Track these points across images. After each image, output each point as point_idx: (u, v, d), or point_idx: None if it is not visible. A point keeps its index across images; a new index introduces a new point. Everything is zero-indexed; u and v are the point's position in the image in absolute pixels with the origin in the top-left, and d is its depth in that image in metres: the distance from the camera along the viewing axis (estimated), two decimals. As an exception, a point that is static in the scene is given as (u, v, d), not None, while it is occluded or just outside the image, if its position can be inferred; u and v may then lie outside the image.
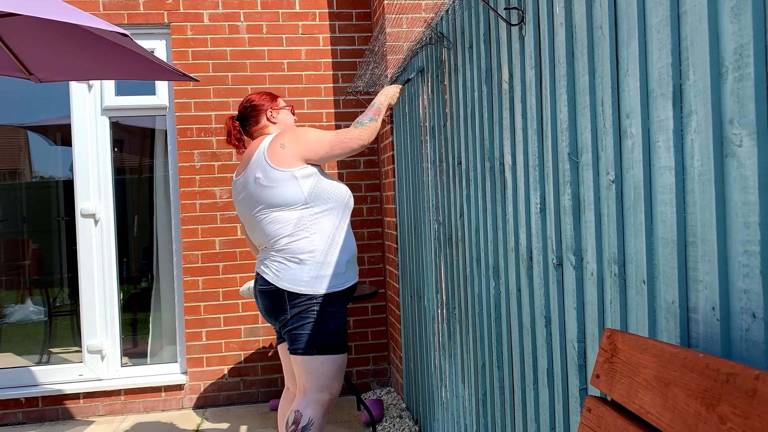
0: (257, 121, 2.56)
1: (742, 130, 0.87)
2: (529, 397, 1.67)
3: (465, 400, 2.31)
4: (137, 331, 4.28)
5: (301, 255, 2.32)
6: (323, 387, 2.32)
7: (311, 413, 2.30)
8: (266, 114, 2.56)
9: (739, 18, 0.87)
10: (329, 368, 2.33)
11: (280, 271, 2.33)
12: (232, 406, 3.92)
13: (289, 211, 2.34)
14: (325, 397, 2.33)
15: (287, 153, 2.34)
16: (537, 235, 1.57)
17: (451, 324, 2.46)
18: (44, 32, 2.67)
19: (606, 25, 1.22)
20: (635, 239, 1.15)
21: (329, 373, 2.33)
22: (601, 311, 1.29)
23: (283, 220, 2.34)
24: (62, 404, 3.81)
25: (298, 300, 2.32)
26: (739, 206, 0.88)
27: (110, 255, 3.91)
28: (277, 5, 3.99)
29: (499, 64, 1.81)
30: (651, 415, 0.90)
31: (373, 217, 4.09)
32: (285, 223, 2.34)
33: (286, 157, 2.34)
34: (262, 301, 2.41)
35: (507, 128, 1.75)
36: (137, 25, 3.89)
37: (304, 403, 2.32)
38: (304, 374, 2.33)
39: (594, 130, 1.29)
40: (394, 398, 3.80)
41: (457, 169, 2.27)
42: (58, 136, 4.49)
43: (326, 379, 2.33)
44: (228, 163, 3.94)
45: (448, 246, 2.46)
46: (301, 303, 2.32)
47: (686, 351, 0.86)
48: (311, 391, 2.32)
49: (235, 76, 3.96)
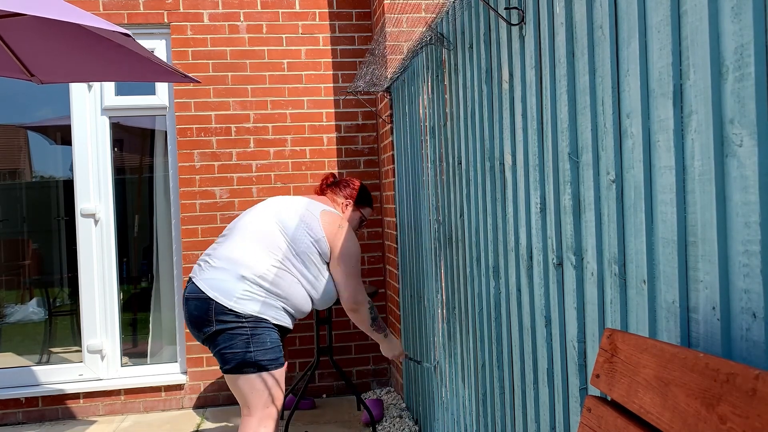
0: (336, 193, 2.72)
1: (742, 129, 0.87)
2: (529, 397, 1.67)
3: (465, 400, 2.31)
4: (137, 331, 4.27)
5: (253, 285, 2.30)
6: (269, 402, 2.27)
7: None
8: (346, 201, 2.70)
9: (739, 18, 0.87)
10: (272, 381, 2.27)
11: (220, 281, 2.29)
12: (232, 406, 3.91)
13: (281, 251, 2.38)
14: (272, 410, 2.29)
15: (336, 234, 2.47)
16: (537, 235, 1.57)
17: (451, 324, 2.46)
18: (46, 34, 2.67)
19: (606, 24, 1.22)
20: (635, 239, 1.15)
21: (273, 387, 2.28)
22: (601, 311, 1.29)
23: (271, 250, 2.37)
24: (62, 404, 3.81)
25: (225, 316, 2.26)
26: (739, 206, 0.88)
27: (110, 255, 3.91)
28: (277, 5, 3.99)
29: (499, 63, 1.81)
30: (651, 414, 0.90)
31: (373, 217, 4.09)
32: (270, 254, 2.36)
33: (333, 236, 2.47)
34: (189, 308, 2.33)
35: (507, 128, 1.75)
36: (137, 25, 3.88)
37: (255, 423, 2.26)
38: (247, 392, 2.26)
39: (594, 130, 1.29)
40: (394, 398, 3.80)
41: (457, 169, 2.27)
42: (58, 136, 4.49)
43: (272, 392, 2.28)
44: (228, 163, 3.94)
45: (448, 246, 2.46)
46: (228, 320, 2.26)
47: (686, 351, 0.86)
48: (259, 409, 2.26)
49: (235, 75, 3.96)
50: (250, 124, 3.97)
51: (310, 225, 2.44)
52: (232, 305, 2.26)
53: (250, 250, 2.37)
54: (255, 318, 2.29)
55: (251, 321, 2.28)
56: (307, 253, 2.41)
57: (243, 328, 2.26)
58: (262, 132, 3.97)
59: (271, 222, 2.44)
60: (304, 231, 2.42)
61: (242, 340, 2.25)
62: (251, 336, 2.26)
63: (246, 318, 2.27)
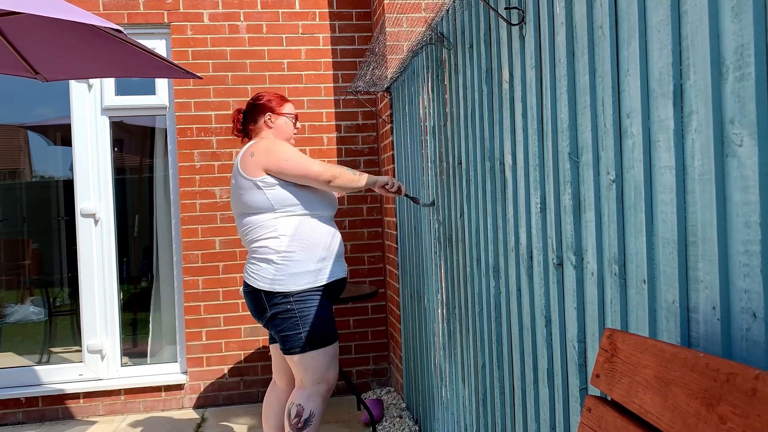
0: (255, 120, 2.61)
1: (742, 129, 0.87)
2: (529, 397, 1.67)
3: (465, 400, 2.31)
4: (137, 330, 4.28)
5: (270, 255, 2.40)
6: (320, 379, 2.43)
7: (312, 406, 2.43)
8: (265, 117, 2.58)
9: (739, 17, 0.87)
10: (322, 361, 2.42)
11: (256, 272, 2.42)
12: (232, 405, 3.91)
13: (257, 215, 2.43)
14: (323, 388, 2.45)
15: (253, 162, 2.41)
16: (537, 235, 1.57)
17: (451, 324, 2.46)
18: (49, 31, 2.67)
19: (606, 24, 1.22)
20: (635, 239, 1.15)
21: (323, 365, 2.43)
22: (601, 311, 1.28)
23: (253, 223, 2.44)
24: (62, 404, 3.81)
25: (275, 299, 2.40)
26: (739, 206, 0.88)
27: (110, 255, 3.91)
28: (277, 5, 3.99)
29: (499, 63, 1.81)
30: (651, 414, 0.90)
31: (373, 217, 4.09)
32: (255, 226, 2.43)
33: (252, 166, 2.41)
34: (247, 303, 2.51)
35: (507, 128, 1.75)
36: (137, 24, 3.88)
37: (305, 396, 2.43)
38: (300, 370, 2.43)
39: (594, 130, 1.29)
40: (394, 398, 3.80)
41: (457, 169, 2.27)
42: (58, 136, 4.49)
43: (321, 371, 2.43)
44: (228, 162, 3.94)
45: (448, 246, 2.46)
46: (278, 302, 2.39)
47: (686, 351, 0.86)
48: (310, 385, 2.43)
49: (235, 75, 3.96)
50: (250, 124, 3.96)
51: (239, 182, 2.43)
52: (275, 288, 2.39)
53: (241, 237, 2.53)
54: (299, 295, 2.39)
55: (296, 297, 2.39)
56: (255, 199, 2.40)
57: (290, 309, 2.39)
58: (262, 132, 3.97)
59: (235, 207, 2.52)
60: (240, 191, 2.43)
61: (291, 322, 2.39)
62: (299, 317, 2.39)
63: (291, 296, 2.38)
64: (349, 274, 4.03)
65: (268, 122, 2.58)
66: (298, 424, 2.42)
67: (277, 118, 2.59)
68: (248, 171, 2.41)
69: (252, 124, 2.61)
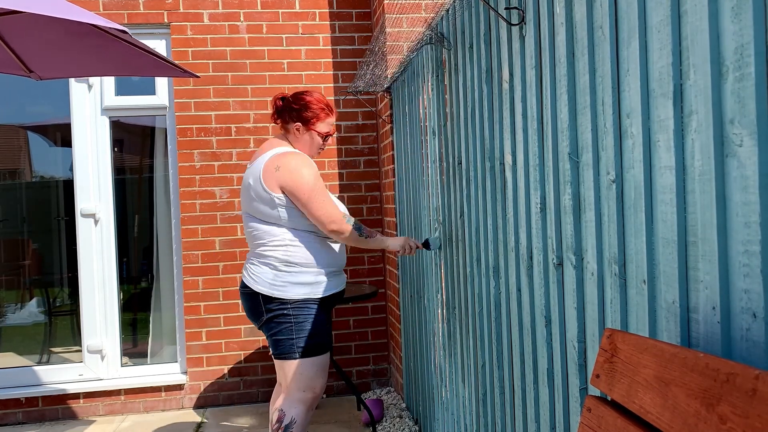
0: (286, 121, 2.53)
1: (742, 129, 0.87)
2: (529, 397, 1.67)
3: (465, 400, 2.31)
4: (137, 330, 4.28)
5: (273, 262, 2.40)
6: (306, 387, 2.41)
7: (294, 413, 2.41)
8: (295, 124, 2.50)
9: (739, 18, 0.87)
10: (310, 369, 2.41)
11: (256, 274, 2.42)
12: (232, 406, 3.91)
13: (267, 225, 2.42)
14: (308, 396, 2.42)
15: (276, 177, 2.37)
16: (537, 235, 1.57)
17: (451, 324, 2.46)
18: (43, 29, 2.67)
19: (606, 24, 1.22)
20: (635, 239, 1.15)
21: (310, 374, 2.41)
22: (601, 311, 1.28)
23: (261, 229, 2.43)
24: (62, 404, 3.81)
25: (272, 304, 2.39)
26: (739, 206, 0.88)
27: (110, 255, 3.91)
28: (277, 5, 3.99)
29: (499, 63, 1.81)
30: (651, 414, 0.90)
31: (373, 217, 4.09)
32: (262, 232, 2.43)
33: (274, 181, 2.37)
34: (243, 304, 2.51)
35: (507, 128, 1.75)
36: (137, 24, 3.88)
37: (288, 402, 2.42)
38: (287, 376, 2.42)
39: (594, 130, 1.29)
40: (394, 398, 3.80)
41: (458, 169, 2.27)
42: (58, 136, 4.49)
43: (308, 379, 2.41)
44: (228, 162, 3.94)
45: (448, 246, 2.46)
46: (275, 308, 2.39)
47: (686, 351, 0.86)
48: (295, 391, 2.42)
49: (235, 75, 3.96)
50: (250, 124, 3.97)
51: (257, 190, 2.39)
52: (274, 293, 2.39)
53: (247, 237, 2.53)
54: (296, 303, 2.38)
55: (294, 305, 2.38)
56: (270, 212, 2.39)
57: (286, 315, 2.39)
58: (262, 132, 3.97)
59: (244, 205, 2.49)
60: (256, 198, 2.40)
61: (284, 327, 2.39)
62: (293, 324, 2.38)
63: (289, 303, 2.38)
64: (348, 274, 4.03)
65: (296, 131, 2.51)
66: (278, 430, 2.40)
67: (305, 132, 2.51)
68: (269, 184, 2.36)
69: (282, 123, 2.54)
